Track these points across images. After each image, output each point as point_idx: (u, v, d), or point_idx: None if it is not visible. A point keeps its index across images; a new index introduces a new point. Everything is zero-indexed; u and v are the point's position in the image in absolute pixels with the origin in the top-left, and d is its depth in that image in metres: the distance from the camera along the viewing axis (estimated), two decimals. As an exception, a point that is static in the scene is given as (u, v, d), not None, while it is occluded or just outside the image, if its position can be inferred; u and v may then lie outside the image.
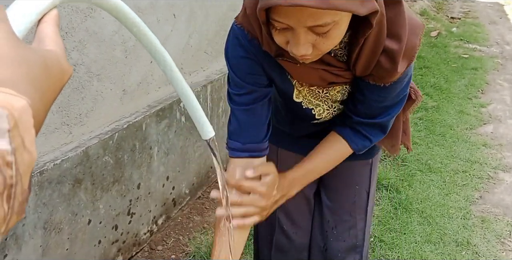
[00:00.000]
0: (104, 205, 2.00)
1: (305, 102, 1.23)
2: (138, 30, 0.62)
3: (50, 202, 1.72)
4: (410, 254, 2.40)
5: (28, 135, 0.34)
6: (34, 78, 0.38)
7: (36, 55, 0.40)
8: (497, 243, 2.56)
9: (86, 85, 1.85)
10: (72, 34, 1.73)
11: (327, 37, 0.91)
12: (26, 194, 0.34)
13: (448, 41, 6.49)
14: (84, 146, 1.85)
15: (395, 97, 1.15)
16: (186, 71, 2.54)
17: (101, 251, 2.04)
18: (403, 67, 1.04)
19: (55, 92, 0.42)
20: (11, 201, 0.32)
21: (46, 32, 0.45)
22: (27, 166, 0.34)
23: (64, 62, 0.44)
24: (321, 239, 1.55)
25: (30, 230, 1.67)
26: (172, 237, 2.44)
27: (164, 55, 0.67)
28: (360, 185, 1.50)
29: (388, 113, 1.18)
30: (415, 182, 3.04)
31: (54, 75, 0.41)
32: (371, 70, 1.06)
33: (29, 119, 0.34)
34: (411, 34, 1.03)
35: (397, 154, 1.41)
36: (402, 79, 1.10)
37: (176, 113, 2.40)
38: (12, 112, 0.32)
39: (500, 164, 3.38)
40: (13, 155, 0.32)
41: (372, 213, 1.60)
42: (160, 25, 2.23)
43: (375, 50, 1.01)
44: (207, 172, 2.81)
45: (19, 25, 0.42)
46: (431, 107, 4.25)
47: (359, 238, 1.53)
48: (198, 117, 0.77)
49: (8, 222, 0.32)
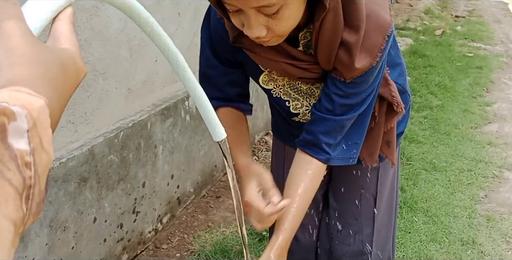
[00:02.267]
0: (110, 203, 2.00)
1: (277, 91, 1.21)
2: (151, 30, 0.62)
3: (56, 201, 1.73)
4: (415, 253, 2.40)
5: (46, 135, 0.34)
6: (51, 77, 0.38)
7: (53, 54, 0.39)
8: (502, 242, 2.55)
9: (92, 83, 1.85)
10: (77, 33, 1.73)
11: (279, 19, 0.92)
12: (43, 195, 0.34)
13: (452, 40, 6.47)
14: (90, 145, 1.85)
15: (358, 95, 1.11)
16: (191, 69, 2.52)
17: (106, 250, 2.04)
18: (362, 63, 1.03)
19: (70, 91, 0.41)
20: (29, 202, 0.32)
21: (61, 30, 0.45)
22: (44, 167, 0.33)
23: (80, 61, 0.43)
24: (327, 241, 1.53)
25: (36, 228, 1.67)
26: (177, 236, 2.44)
27: (177, 56, 0.67)
28: (365, 189, 1.46)
29: (349, 112, 1.13)
30: (420, 181, 3.04)
31: (70, 74, 0.41)
32: (332, 63, 1.06)
33: (46, 119, 0.34)
34: (375, 30, 1.02)
35: (374, 164, 1.35)
36: (366, 78, 1.08)
37: (181, 111, 2.40)
38: (31, 112, 0.32)
39: (505, 163, 3.37)
40: (31, 156, 0.32)
41: (391, 226, 1.54)
42: (165, 24, 2.23)
43: (332, 37, 1.00)
44: (211, 171, 2.81)
45: (35, 23, 0.42)
46: (436, 106, 4.24)
47: (366, 244, 1.48)
48: (210, 119, 0.76)
49: (26, 223, 0.32)
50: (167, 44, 0.65)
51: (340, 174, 1.49)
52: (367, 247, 1.49)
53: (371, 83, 1.11)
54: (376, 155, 1.34)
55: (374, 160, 1.34)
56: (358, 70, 1.04)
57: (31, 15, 0.42)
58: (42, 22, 0.43)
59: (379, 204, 1.48)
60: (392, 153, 1.37)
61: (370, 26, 1.01)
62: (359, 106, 1.14)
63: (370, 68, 1.05)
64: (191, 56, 2.52)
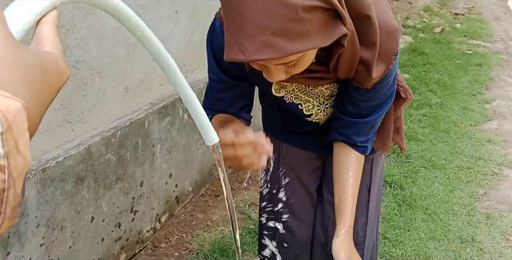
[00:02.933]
0: (107, 202, 2.00)
1: (288, 97, 1.24)
2: (141, 33, 0.61)
3: (53, 200, 1.72)
4: (414, 251, 2.39)
5: (22, 139, 0.33)
6: (30, 80, 0.37)
7: (33, 57, 0.39)
8: (502, 239, 2.54)
9: (88, 82, 1.84)
10: (73, 31, 1.72)
11: (298, 65, 0.98)
12: (19, 198, 0.33)
13: (452, 37, 6.46)
14: (87, 144, 1.84)
15: (381, 96, 1.18)
16: (189, 68, 2.53)
17: (104, 249, 2.04)
18: (379, 71, 1.08)
19: (51, 95, 0.41)
20: (3, 206, 0.31)
21: (44, 33, 0.45)
22: (20, 170, 0.33)
23: (62, 64, 0.43)
24: (322, 234, 1.56)
25: (32, 228, 1.67)
26: (175, 235, 2.43)
27: (168, 60, 0.66)
28: (360, 181, 1.50)
29: (377, 111, 1.20)
30: (419, 179, 3.03)
31: (51, 77, 0.40)
32: (352, 75, 1.11)
33: (23, 122, 0.33)
34: (387, 38, 1.06)
35: (388, 152, 1.42)
36: (385, 79, 1.13)
37: (178, 110, 2.39)
38: (6, 115, 0.31)
39: (504, 161, 3.36)
40: (5, 159, 0.31)
41: (377, 212, 1.59)
42: (162, 22, 2.23)
43: (352, 61, 1.05)
44: (210, 169, 2.81)
45: (17, 26, 0.42)
46: (435, 103, 4.24)
47: (360, 234, 1.52)
48: (202, 123, 0.75)
49: (0, 227, 0.32)
50: (158, 48, 0.64)
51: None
52: (361, 236, 1.52)
53: (391, 82, 1.17)
54: (389, 144, 1.39)
55: (387, 148, 1.40)
56: (376, 78, 1.10)
57: (14, 18, 0.42)
58: (25, 25, 0.42)
59: (372, 194, 1.52)
60: (402, 140, 1.45)
61: (382, 35, 1.05)
62: (385, 104, 1.21)
63: (387, 71, 1.10)
64: (188, 54, 2.52)
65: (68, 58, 1.72)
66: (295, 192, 1.55)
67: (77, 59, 1.76)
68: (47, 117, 1.69)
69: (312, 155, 1.52)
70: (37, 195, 1.65)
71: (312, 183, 1.55)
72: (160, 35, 2.21)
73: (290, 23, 0.83)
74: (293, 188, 1.55)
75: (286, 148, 1.52)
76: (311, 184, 1.55)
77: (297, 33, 0.85)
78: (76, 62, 1.76)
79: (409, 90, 1.34)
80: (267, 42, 0.84)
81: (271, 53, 0.84)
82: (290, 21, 0.83)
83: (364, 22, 1.01)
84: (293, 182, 1.54)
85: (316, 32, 0.87)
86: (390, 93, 1.19)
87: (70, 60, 1.73)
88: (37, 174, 1.64)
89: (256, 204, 2.66)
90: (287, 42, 0.85)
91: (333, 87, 1.22)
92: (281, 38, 0.84)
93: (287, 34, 0.84)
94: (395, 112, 1.35)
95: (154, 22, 2.16)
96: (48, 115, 1.70)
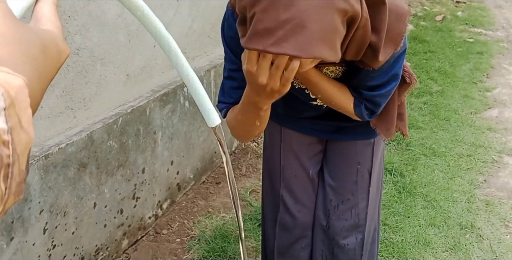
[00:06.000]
0: (109, 189, 2.01)
1: (296, 82, 1.25)
2: (142, 14, 0.61)
3: (56, 186, 1.73)
4: (414, 237, 2.41)
5: (25, 115, 0.33)
6: (31, 57, 0.38)
7: (33, 34, 0.39)
8: (501, 226, 2.56)
9: (90, 69, 1.85)
10: (75, 18, 1.72)
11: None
12: (23, 174, 0.33)
13: (453, 25, 6.43)
14: (89, 131, 1.85)
15: (384, 75, 1.19)
16: (190, 55, 2.53)
17: (106, 235, 2.06)
18: (386, 55, 1.09)
19: (52, 72, 0.41)
20: (8, 180, 0.31)
21: (43, 11, 0.45)
22: (24, 146, 0.33)
23: (61, 42, 0.43)
24: (324, 218, 1.58)
25: (36, 214, 1.68)
26: (177, 221, 2.45)
27: (169, 41, 0.66)
28: (361, 165, 1.52)
29: (381, 88, 1.21)
30: (419, 166, 3.04)
31: (51, 55, 0.41)
32: (359, 58, 1.11)
33: (25, 98, 0.33)
34: (397, 21, 1.07)
35: (392, 138, 1.42)
36: (390, 61, 1.14)
37: (180, 97, 2.39)
38: (8, 91, 0.32)
39: (504, 148, 3.37)
40: (9, 134, 0.31)
41: (378, 195, 1.61)
42: (163, 10, 2.22)
43: (361, 46, 1.05)
44: (211, 157, 2.82)
45: (17, 4, 0.42)
46: (436, 91, 4.23)
47: (361, 217, 1.55)
48: (203, 104, 0.75)
49: (5, 202, 0.32)
50: (159, 29, 0.64)
51: (336, 151, 1.53)
52: (362, 219, 1.55)
53: (397, 64, 1.18)
54: (393, 129, 1.40)
55: (391, 134, 1.40)
56: (382, 62, 1.10)
57: None
58: (24, 3, 0.42)
59: (372, 177, 1.53)
60: (405, 125, 1.46)
61: (392, 18, 1.05)
62: (389, 83, 1.21)
63: (393, 54, 1.11)
64: (189, 42, 2.52)
65: (70, 45, 1.73)
66: (296, 177, 1.56)
67: (79, 46, 1.77)
68: (49, 103, 1.70)
69: (313, 139, 1.53)
70: (40, 181, 1.67)
71: (313, 167, 1.56)
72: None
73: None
74: (294, 172, 1.56)
75: (287, 133, 1.53)
76: (312, 169, 1.56)
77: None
78: (78, 49, 1.77)
79: (413, 75, 1.35)
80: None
81: (294, 50, 0.85)
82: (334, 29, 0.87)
83: (378, 7, 1.02)
84: (294, 167, 1.55)
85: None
86: (391, 74, 1.20)
87: (72, 47, 1.74)
88: (39, 160, 1.65)
89: (257, 191, 2.68)
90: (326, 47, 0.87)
91: (338, 70, 1.22)
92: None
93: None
94: (399, 97, 1.36)
95: (155, 9, 2.15)
96: (50, 102, 1.70)
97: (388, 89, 1.21)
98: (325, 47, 0.86)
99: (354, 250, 1.59)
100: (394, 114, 1.37)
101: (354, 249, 1.59)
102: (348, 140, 1.49)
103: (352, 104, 1.25)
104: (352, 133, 1.48)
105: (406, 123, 1.47)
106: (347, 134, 1.48)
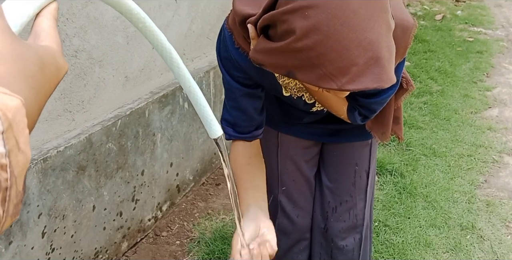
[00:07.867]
0: (109, 191, 2.00)
1: (293, 93, 1.24)
2: (144, 26, 0.60)
3: (54, 189, 1.73)
4: (414, 238, 2.40)
5: (22, 136, 0.33)
6: (29, 75, 0.37)
7: (31, 51, 0.38)
8: (502, 226, 2.55)
9: (88, 71, 1.84)
10: (73, 20, 1.71)
11: None
12: (21, 195, 0.33)
13: (453, 25, 6.42)
14: (87, 133, 1.85)
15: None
16: (189, 57, 2.52)
17: (106, 238, 2.05)
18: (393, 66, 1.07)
19: (49, 89, 0.40)
20: (6, 204, 0.31)
21: (42, 26, 0.44)
22: (21, 168, 0.32)
23: (60, 58, 0.42)
24: (322, 220, 1.58)
25: (34, 217, 1.67)
26: (177, 223, 2.44)
27: (171, 53, 0.65)
28: (359, 166, 1.51)
29: (378, 96, 1.18)
30: (419, 167, 3.03)
31: (49, 72, 0.40)
32: None
33: (23, 119, 0.33)
34: (403, 35, 1.04)
35: (387, 141, 1.42)
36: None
37: (179, 99, 2.39)
38: (6, 113, 0.31)
39: (505, 148, 3.36)
40: (7, 158, 0.31)
41: (373, 194, 1.61)
42: (162, 11, 2.21)
43: None
44: (210, 158, 2.81)
45: (16, 20, 0.41)
46: (436, 91, 4.22)
47: (359, 218, 1.55)
48: (205, 116, 0.74)
49: (3, 224, 0.32)
50: (161, 41, 0.63)
51: (333, 153, 1.53)
52: (360, 219, 1.55)
53: (398, 71, 1.15)
54: (388, 133, 1.39)
55: (386, 137, 1.39)
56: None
57: (12, 11, 0.41)
58: (24, 19, 0.42)
59: (369, 178, 1.54)
60: (401, 129, 1.45)
61: (398, 32, 1.01)
62: (390, 89, 1.18)
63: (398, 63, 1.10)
64: (188, 43, 2.51)
65: (68, 47, 1.72)
66: (294, 181, 1.56)
67: (77, 48, 1.76)
68: (47, 106, 1.69)
69: (310, 143, 1.53)
70: (38, 185, 1.66)
71: (310, 171, 1.56)
72: (159, 24, 2.20)
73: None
74: (292, 177, 1.55)
75: (284, 138, 1.52)
76: (309, 172, 1.56)
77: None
78: (76, 51, 1.76)
79: (411, 81, 1.33)
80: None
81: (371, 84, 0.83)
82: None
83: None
84: (292, 171, 1.55)
85: None
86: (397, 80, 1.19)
87: (70, 49, 1.73)
88: (38, 164, 1.64)
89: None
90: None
91: None
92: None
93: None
94: (395, 102, 1.35)
95: (153, 10, 2.15)
96: (49, 105, 1.70)
97: (384, 96, 1.19)
98: (392, 68, 0.84)
99: (353, 250, 1.59)
100: (390, 118, 1.36)
101: (353, 250, 1.59)
102: (345, 142, 1.48)
103: (345, 108, 1.23)
104: (349, 135, 1.47)
105: (401, 127, 1.46)
106: (344, 136, 1.48)
